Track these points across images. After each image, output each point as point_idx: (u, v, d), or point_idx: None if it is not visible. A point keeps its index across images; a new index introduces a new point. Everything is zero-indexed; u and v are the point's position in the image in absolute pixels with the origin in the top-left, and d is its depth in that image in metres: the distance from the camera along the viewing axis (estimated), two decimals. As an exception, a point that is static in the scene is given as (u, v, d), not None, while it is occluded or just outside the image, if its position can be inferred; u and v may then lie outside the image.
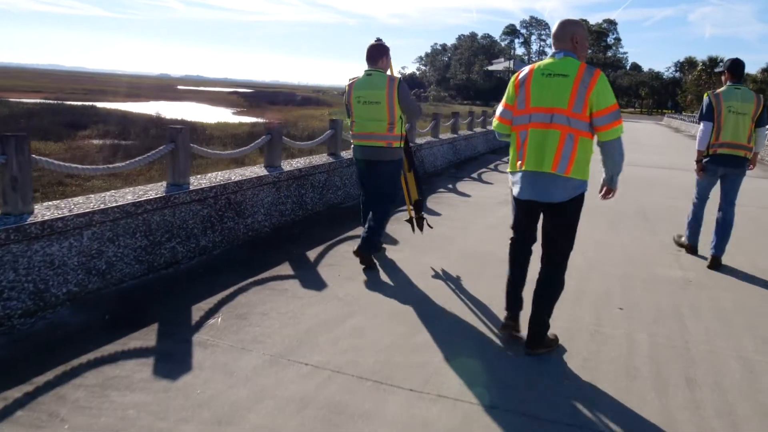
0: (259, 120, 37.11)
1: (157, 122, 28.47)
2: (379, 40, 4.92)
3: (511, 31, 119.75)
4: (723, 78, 5.32)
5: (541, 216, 3.30)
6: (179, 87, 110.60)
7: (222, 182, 5.18)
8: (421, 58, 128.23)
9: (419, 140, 10.61)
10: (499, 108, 3.37)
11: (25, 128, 21.96)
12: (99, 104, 40.30)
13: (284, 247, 5.25)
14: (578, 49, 3.18)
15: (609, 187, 3.32)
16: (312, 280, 4.38)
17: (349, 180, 7.54)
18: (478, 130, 15.65)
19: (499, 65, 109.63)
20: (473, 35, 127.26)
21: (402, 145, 4.87)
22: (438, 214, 6.93)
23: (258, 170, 5.96)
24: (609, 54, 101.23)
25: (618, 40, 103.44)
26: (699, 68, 61.74)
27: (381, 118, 4.70)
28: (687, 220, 5.69)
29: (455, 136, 13.11)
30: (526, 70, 3.25)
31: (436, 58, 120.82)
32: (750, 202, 8.38)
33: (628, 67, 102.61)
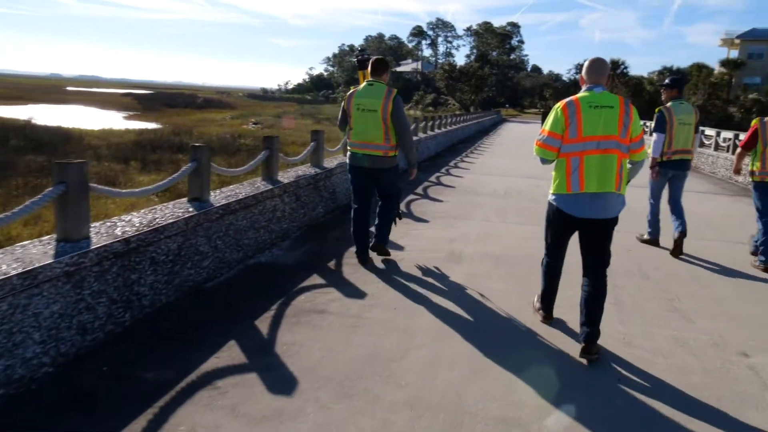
0: (151, 125, 33.11)
1: (22, 131, 24.19)
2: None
3: (418, 33, 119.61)
4: None
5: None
6: (69, 88, 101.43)
7: None
8: (328, 58, 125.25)
9: (328, 163, 8.01)
10: (543, 136, 3.57)
11: None
12: (-42, 108, 34.69)
13: None
14: (608, 84, 3.61)
15: None
16: None
17: (224, 240, 4.92)
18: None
19: (407, 66, 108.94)
20: (380, 36, 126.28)
21: (396, 155, 5.13)
22: (339, 307, 4.45)
23: (34, 251, 3.22)
24: (513, 56, 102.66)
25: (521, 42, 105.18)
26: (601, 70, 62.87)
27: (377, 126, 4.96)
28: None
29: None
30: (571, 102, 3.51)
31: (344, 59, 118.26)
32: None
33: (529, 69, 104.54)
